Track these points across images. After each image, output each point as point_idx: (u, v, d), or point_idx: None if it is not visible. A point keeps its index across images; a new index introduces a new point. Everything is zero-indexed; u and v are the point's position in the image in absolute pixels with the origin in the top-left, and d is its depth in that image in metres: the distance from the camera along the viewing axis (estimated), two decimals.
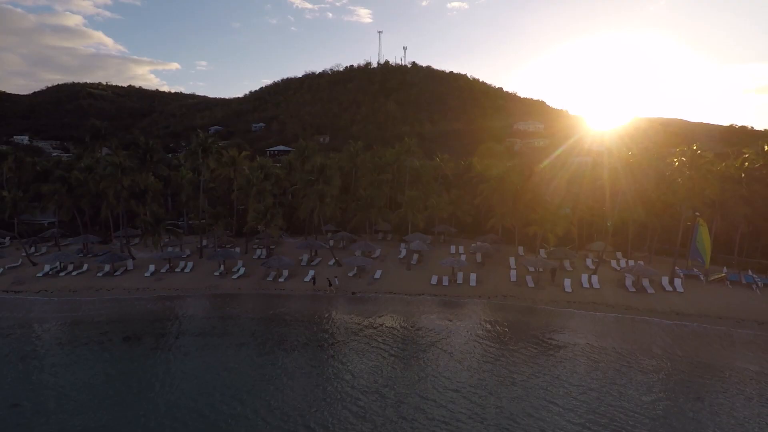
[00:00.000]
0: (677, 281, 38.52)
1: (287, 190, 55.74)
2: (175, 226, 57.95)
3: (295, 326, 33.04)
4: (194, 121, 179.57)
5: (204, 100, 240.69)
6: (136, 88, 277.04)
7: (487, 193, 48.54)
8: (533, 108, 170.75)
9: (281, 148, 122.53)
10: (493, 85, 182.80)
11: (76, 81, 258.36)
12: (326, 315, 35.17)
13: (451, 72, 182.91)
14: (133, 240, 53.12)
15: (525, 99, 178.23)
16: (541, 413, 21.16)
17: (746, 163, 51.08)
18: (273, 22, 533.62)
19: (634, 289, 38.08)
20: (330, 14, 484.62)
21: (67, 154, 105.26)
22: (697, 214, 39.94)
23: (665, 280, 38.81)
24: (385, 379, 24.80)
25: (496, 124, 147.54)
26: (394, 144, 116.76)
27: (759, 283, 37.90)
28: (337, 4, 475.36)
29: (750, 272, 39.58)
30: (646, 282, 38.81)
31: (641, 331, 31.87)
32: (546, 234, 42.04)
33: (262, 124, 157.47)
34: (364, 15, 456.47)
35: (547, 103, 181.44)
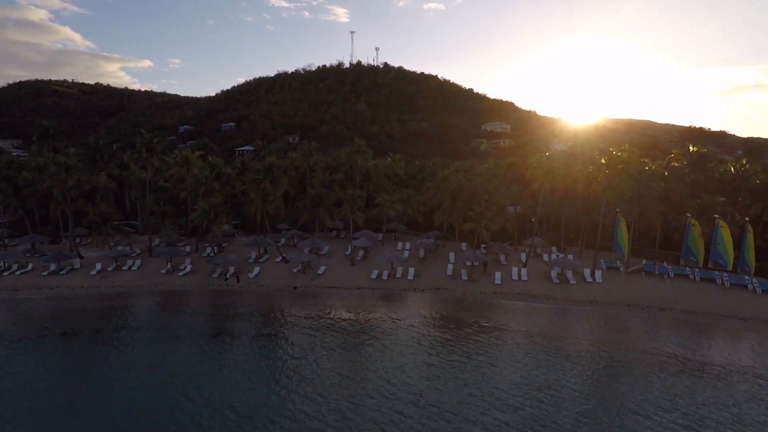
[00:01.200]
0: (598, 273, 41.77)
1: (244, 190, 56.99)
2: (130, 226, 58.58)
3: (232, 320, 34.65)
4: (163, 121, 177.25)
5: (175, 98, 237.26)
6: (104, 86, 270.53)
7: (432, 192, 51.02)
8: (502, 109, 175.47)
9: (249, 148, 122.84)
10: (463, 86, 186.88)
11: (40, 78, 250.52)
12: (264, 309, 36.87)
13: (422, 73, 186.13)
14: (84, 240, 53.52)
15: (494, 100, 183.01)
16: (447, 386, 23.45)
17: (674, 163, 55.27)
18: (249, 20, 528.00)
19: (558, 281, 41.13)
20: (306, 13, 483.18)
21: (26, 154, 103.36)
22: (618, 210, 43.31)
23: (587, 272, 41.99)
24: (309, 361, 26.71)
25: (465, 125, 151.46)
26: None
27: (671, 274, 41.46)
28: (314, 3, 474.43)
29: (665, 264, 43.14)
30: (569, 274, 41.92)
31: (556, 316, 34.76)
32: (481, 230, 44.70)
33: (232, 123, 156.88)
34: (341, 14, 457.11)
35: (516, 104, 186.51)
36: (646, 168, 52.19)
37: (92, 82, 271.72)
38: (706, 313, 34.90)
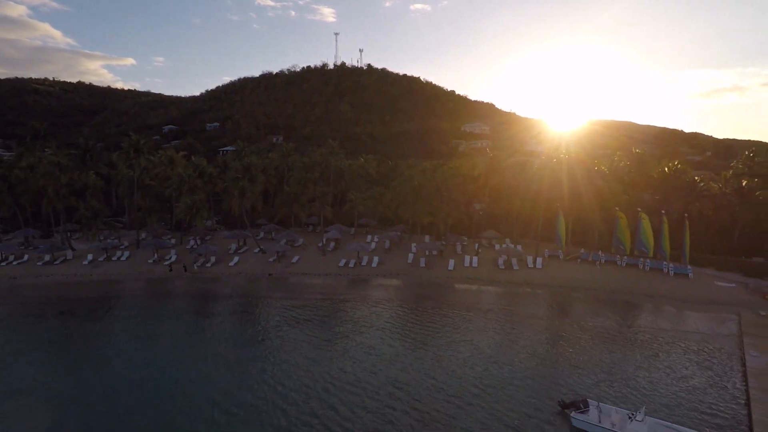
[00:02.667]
0: (539, 260, 47.97)
1: (226, 187, 61.97)
2: (117, 221, 63.15)
3: (212, 301, 39.94)
4: (148, 120, 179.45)
5: (159, 98, 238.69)
6: (86, 85, 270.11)
7: (398, 189, 56.79)
8: (482, 111, 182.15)
9: (232, 148, 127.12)
10: (445, 88, 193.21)
11: (20, 76, 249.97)
12: (241, 292, 42.24)
13: (405, 75, 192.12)
14: (74, 234, 57.91)
15: (475, 102, 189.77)
16: (401, 343, 29.09)
17: (622, 163, 62.00)
18: (234, 19, 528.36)
19: (503, 267, 47.23)
20: (293, 12, 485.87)
21: (9, 153, 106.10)
22: (558, 205, 49.57)
23: (530, 260, 48.17)
24: (277, 332, 32.13)
25: (445, 126, 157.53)
26: (345, 144, 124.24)
27: (602, 260, 47.85)
28: (300, 2, 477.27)
29: (600, 253, 49.52)
30: (514, 261, 48.05)
31: (496, 296, 40.75)
32: (439, 223, 50.60)
33: (216, 123, 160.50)
34: (328, 14, 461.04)
35: (497, 106, 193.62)
36: (596, 168, 58.92)
37: (73, 80, 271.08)
38: (628, 292, 41.17)
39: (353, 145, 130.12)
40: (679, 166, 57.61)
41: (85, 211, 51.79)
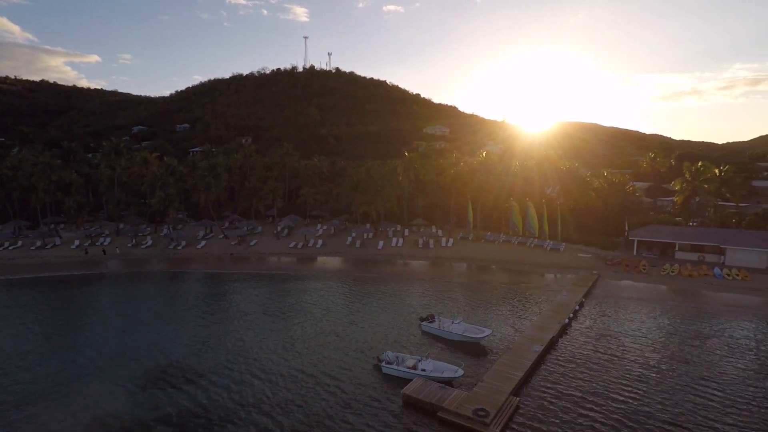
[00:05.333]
0: (450, 240, 61.46)
1: (194, 184, 73.26)
2: (98, 214, 73.59)
3: (183, 276, 51.50)
4: (116, 121, 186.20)
5: (127, 97, 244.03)
6: (50, 83, 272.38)
7: (342, 185, 69.48)
8: (444, 113, 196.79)
9: (202, 149, 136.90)
10: (410, 92, 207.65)
11: None
12: (206, 267, 53.94)
13: (372, 78, 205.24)
14: (60, 225, 68.15)
15: (438, 104, 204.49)
16: (335, 305, 41.54)
17: (531, 162, 75.84)
18: (204, 17, 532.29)
19: (422, 246, 60.49)
20: (265, 11, 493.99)
21: None
22: (468, 197, 63.21)
23: (444, 240, 61.58)
24: (232, 297, 44.18)
25: (408, 128, 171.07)
26: (311, 145, 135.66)
27: (500, 240, 61.69)
28: (273, 1, 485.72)
29: (502, 234, 63.35)
30: (431, 242, 61.38)
31: (410, 267, 53.81)
32: (372, 212, 63.47)
33: (186, 125, 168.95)
34: (301, 14, 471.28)
35: (459, 109, 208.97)
36: (513, 168, 72.92)
37: (34, 77, 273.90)
38: (515, 262, 54.83)
39: (319, 145, 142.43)
40: (576, 164, 72.28)
41: (71, 204, 62.29)
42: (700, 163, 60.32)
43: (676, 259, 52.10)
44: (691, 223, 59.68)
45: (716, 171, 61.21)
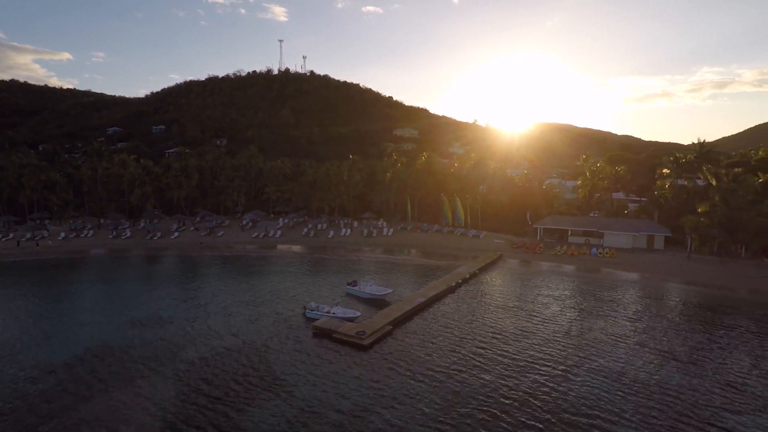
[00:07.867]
0: (391, 230, 73.89)
1: (168, 183, 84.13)
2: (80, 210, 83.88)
3: (159, 259, 62.66)
4: (91, 122, 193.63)
5: (102, 98, 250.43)
6: (21, 83, 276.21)
7: (302, 185, 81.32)
8: (415, 115, 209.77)
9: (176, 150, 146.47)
10: (383, 94, 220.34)
11: None
12: (179, 252, 65.19)
13: (345, 81, 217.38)
14: (45, 221, 78.28)
15: (409, 107, 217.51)
16: (285, 282, 53.23)
17: (470, 163, 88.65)
18: (180, 15, 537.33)
19: (366, 235, 72.77)
20: (243, 10, 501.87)
21: None
22: (407, 194, 75.69)
23: (386, 230, 73.97)
24: (204, 278, 55.60)
25: (379, 130, 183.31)
26: (285, 147, 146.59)
27: (433, 230, 74.37)
28: (251, 0, 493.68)
29: (436, 225, 75.98)
30: (375, 231, 73.70)
31: (356, 252, 65.94)
32: (325, 207, 75.43)
33: (162, 126, 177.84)
34: (279, 13, 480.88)
35: (430, 111, 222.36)
36: (451, 168, 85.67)
37: (2, 75, 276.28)
38: (443, 247, 67.36)
39: (293, 147, 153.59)
40: (502, 165, 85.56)
41: (57, 201, 72.69)
42: (598, 163, 73.94)
43: (570, 243, 65.43)
44: (591, 214, 73.29)
45: (612, 170, 74.96)
